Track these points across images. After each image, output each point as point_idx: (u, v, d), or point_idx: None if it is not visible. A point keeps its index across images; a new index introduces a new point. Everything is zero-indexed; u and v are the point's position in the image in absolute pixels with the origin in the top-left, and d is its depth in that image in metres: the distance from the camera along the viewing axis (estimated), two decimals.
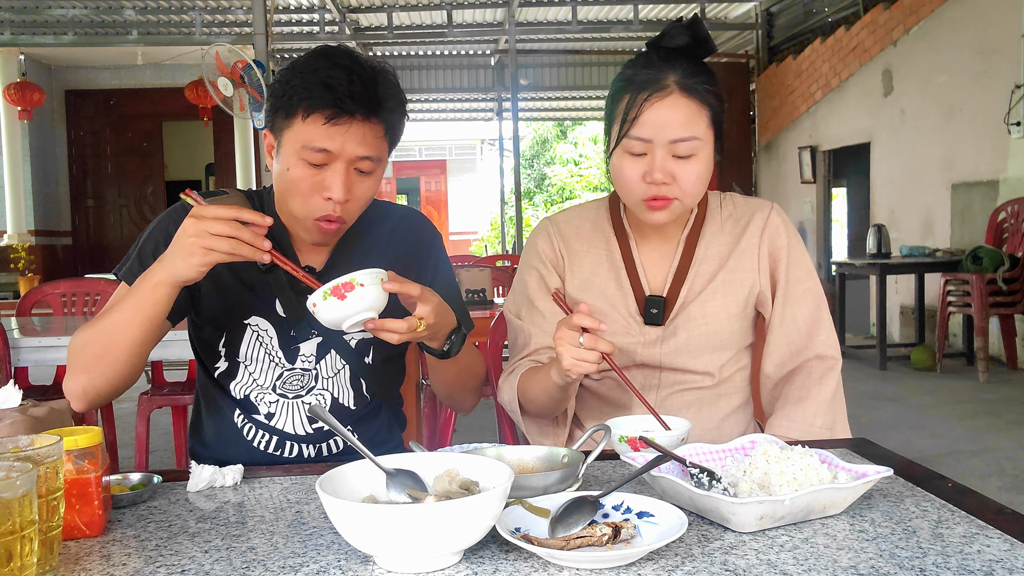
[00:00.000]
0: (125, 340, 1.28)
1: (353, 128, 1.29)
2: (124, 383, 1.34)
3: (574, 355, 1.24)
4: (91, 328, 1.32)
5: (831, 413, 1.45)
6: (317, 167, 1.31)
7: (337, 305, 1.18)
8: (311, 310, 1.20)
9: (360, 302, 1.18)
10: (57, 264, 11.10)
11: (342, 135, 1.29)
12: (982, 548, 0.86)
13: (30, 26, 10.00)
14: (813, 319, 1.50)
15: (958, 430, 4.52)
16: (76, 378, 1.32)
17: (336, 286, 1.17)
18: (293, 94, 1.30)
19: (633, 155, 1.38)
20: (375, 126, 1.32)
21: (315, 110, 1.28)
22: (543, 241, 1.56)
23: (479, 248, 18.35)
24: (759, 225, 1.52)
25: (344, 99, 1.27)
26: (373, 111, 1.30)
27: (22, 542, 0.77)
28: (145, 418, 3.19)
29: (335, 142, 1.29)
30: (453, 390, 1.50)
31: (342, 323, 1.20)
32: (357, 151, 1.31)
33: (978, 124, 6.47)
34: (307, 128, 1.29)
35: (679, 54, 1.38)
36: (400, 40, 11.27)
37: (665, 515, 0.90)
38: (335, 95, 1.27)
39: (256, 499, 1.09)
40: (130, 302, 1.27)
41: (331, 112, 1.27)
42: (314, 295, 1.18)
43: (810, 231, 9.57)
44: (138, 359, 1.31)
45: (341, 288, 1.17)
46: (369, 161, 1.33)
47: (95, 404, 1.35)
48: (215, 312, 1.43)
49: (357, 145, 1.30)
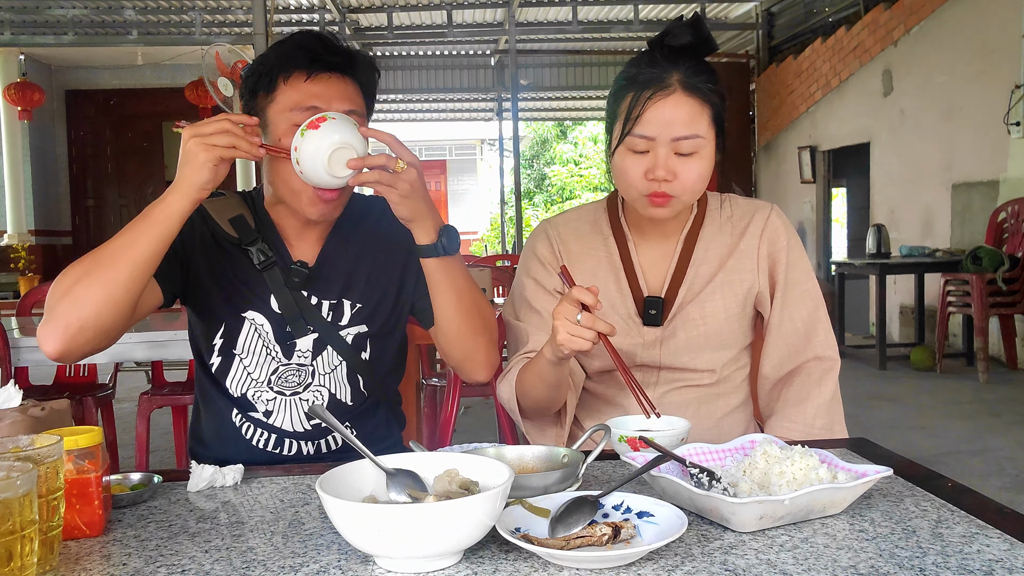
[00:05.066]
0: (130, 262, 1.22)
1: (333, 81, 1.38)
2: (112, 322, 1.24)
3: (569, 330, 1.23)
4: (83, 260, 1.25)
5: (830, 414, 1.45)
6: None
7: (313, 136, 1.25)
8: (294, 155, 1.27)
9: (335, 131, 1.25)
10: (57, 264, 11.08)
11: (325, 89, 1.37)
12: (982, 548, 0.86)
13: (30, 26, 10.00)
14: (811, 320, 1.50)
15: (958, 430, 4.52)
16: (60, 316, 1.23)
17: (311, 120, 1.26)
18: (270, 68, 1.39)
19: (636, 152, 1.38)
20: (352, 83, 1.41)
21: (295, 70, 1.37)
22: (542, 244, 1.56)
23: (479, 248, 18.35)
24: (759, 226, 1.52)
25: (320, 54, 1.37)
26: (349, 66, 1.40)
27: (22, 542, 0.77)
28: (145, 418, 3.19)
29: (321, 98, 1.36)
30: (461, 328, 1.42)
31: (324, 157, 1.25)
32: (343, 104, 1.37)
33: (978, 124, 6.47)
34: (290, 91, 1.37)
35: (682, 53, 1.38)
36: (400, 40, 11.27)
37: (665, 515, 0.90)
38: (311, 54, 1.37)
39: (256, 499, 1.09)
40: (137, 226, 1.24)
41: (310, 68, 1.37)
42: (294, 138, 1.27)
43: (810, 231, 9.57)
44: (132, 292, 1.24)
45: (316, 121, 1.26)
46: (356, 116, 1.36)
47: (74, 345, 1.24)
48: (213, 303, 1.44)
49: (341, 99, 1.38)
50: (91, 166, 11.88)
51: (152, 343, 2.75)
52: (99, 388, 3.50)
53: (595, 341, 1.24)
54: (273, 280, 1.43)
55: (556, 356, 1.30)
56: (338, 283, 1.47)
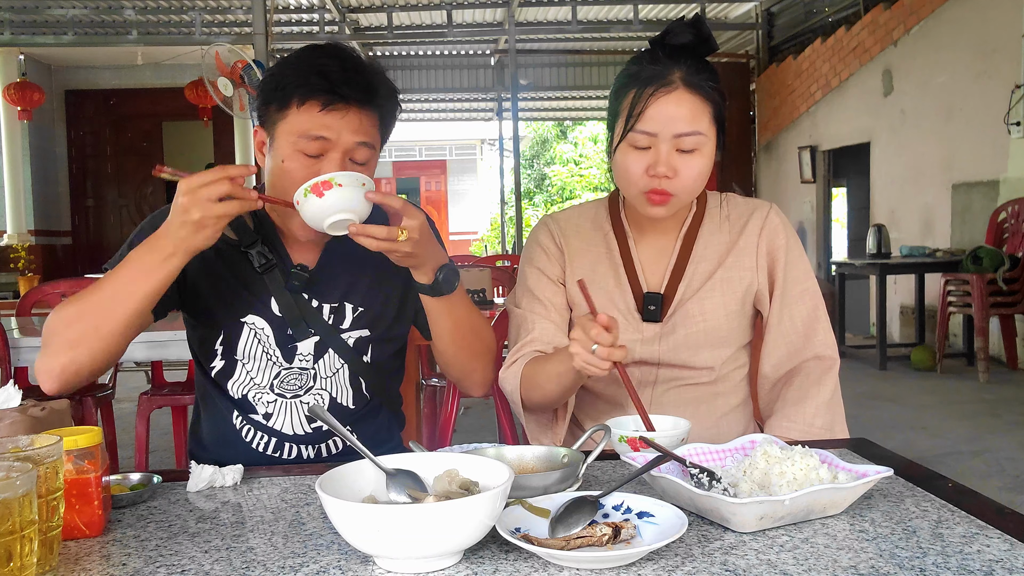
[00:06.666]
0: (124, 313, 1.24)
1: (349, 115, 1.31)
2: (107, 362, 1.30)
3: (587, 360, 1.24)
4: (78, 303, 1.27)
5: (830, 413, 1.45)
6: (313, 158, 1.31)
7: (315, 202, 1.22)
8: (296, 207, 1.24)
9: (337, 202, 1.21)
10: (57, 264, 11.09)
11: (338, 122, 1.30)
12: (982, 548, 0.86)
13: (30, 26, 10.00)
14: (811, 319, 1.50)
15: (958, 430, 4.52)
16: (56, 355, 1.27)
17: (316, 183, 1.22)
18: (287, 84, 1.31)
19: (638, 149, 1.39)
20: (370, 114, 1.33)
21: (310, 97, 1.29)
22: (544, 236, 1.57)
23: (479, 248, 18.35)
24: (758, 224, 1.52)
25: (340, 85, 1.29)
26: (368, 99, 1.32)
27: (22, 542, 0.77)
28: (145, 418, 3.19)
29: (332, 130, 1.30)
30: (458, 353, 1.45)
31: (322, 222, 1.23)
32: (354, 138, 1.31)
33: (978, 124, 6.47)
34: (302, 117, 1.30)
35: (683, 51, 1.39)
36: (400, 40, 11.26)
37: (665, 515, 0.90)
38: (330, 82, 1.29)
39: (256, 499, 1.09)
40: (131, 276, 1.23)
41: (327, 98, 1.29)
42: (297, 192, 1.23)
43: (810, 231, 9.57)
44: (128, 336, 1.28)
45: (320, 186, 1.21)
46: (365, 148, 1.33)
47: (70, 384, 1.29)
48: (212, 309, 1.42)
49: (354, 132, 1.31)
50: (91, 166, 11.87)
51: (152, 343, 2.75)
52: (99, 388, 3.49)
53: (610, 370, 1.25)
54: (274, 283, 1.42)
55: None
56: (339, 287, 1.46)
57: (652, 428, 1.27)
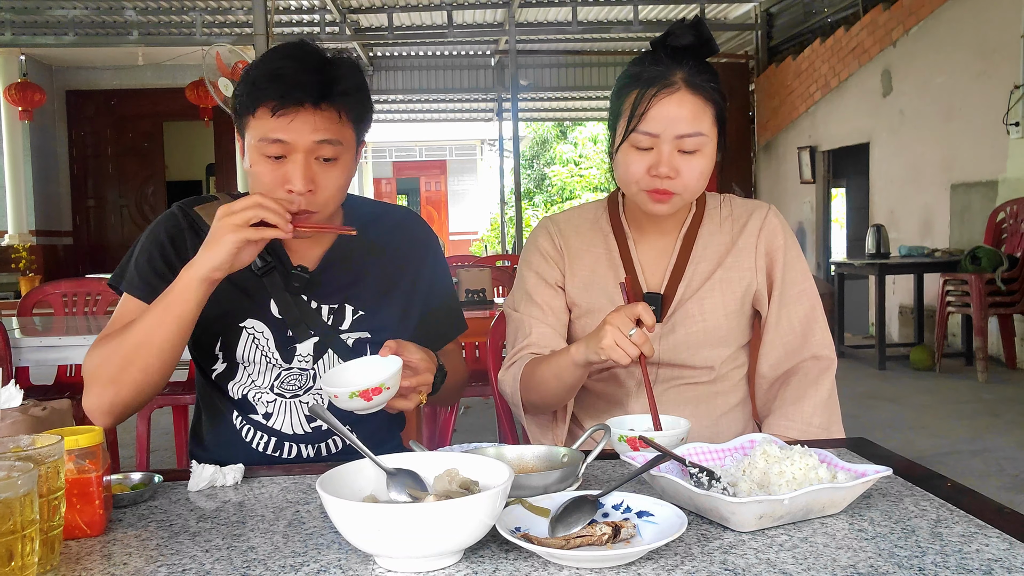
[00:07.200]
0: (158, 342, 1.28)
1: (301, 116, 1.29)
2: (152, 391, 1.33)
3: (618, 339, 1.26)
4: (113, 339, 1.31)
5: (828, 413, 1.46)
6: (277, 160, 1.31)
7: (362, 404, 1.22)
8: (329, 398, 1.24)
9: (384, 399, 1.23)
10: (58, 264, 11.10)
11: (292, 124, 1.29)
12: (981, 547, 0.86)
13: (31, 26, 10.00)
14: (808, 320, 1.51)
15: (957, 430, 4.52)
16: (100, 393, 1.30)
17: (365, 390, 1.21)
18: (249, 91, 1.32)
19: (640, 149, 1.40)
20: (327, 112, 1.31)
21: (262, 102, 1.30)
22: (544, 238, 1.58)
23: (479, 248, 18.35)
24: (756, 225, 1.53)
25: (290, 88, 1.28)
26: (323, 96, 1.30)
27: (23, 542, 0.77)
28: (146, 418, 3.19)
29: (287, 132, 1.29)
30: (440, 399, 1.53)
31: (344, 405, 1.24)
32: (313, 137, 1.30)
33: (977, 124, 6.47)
34: (259, 122, 1.31)
35: (685, 52, 1.40)
36: (400, 41, 11.27)
37: (665, 514, 0.90)
38: (282, 85, 1.28)
39: (256, 499, 1.09)
40: (161, 307, 1.27)
41: (276, 103, 1.28)
42: (340, 393, 1.21)
43: (809, 231, 9.57)
44: (169, 363, 1.31)
45: (370, 392, 1.21)
46: (329, 146, 1.31)
47: (121, 418, 1.33)
48: (210, 316, 1.41)
49: (310, 133, 1.30)
50: (92, 166, 11.88)
51: None
52: None
53: (635, 360, 1.27)
54: (273, 285, 1.42)
55: (587, 359, 1.33)
56: (340, 288, 1.46)
57: (660, 427, 1.28)
